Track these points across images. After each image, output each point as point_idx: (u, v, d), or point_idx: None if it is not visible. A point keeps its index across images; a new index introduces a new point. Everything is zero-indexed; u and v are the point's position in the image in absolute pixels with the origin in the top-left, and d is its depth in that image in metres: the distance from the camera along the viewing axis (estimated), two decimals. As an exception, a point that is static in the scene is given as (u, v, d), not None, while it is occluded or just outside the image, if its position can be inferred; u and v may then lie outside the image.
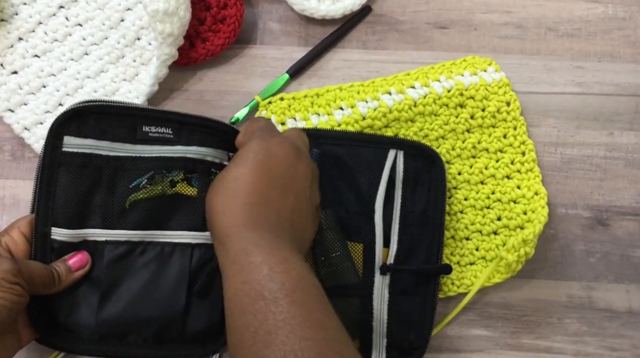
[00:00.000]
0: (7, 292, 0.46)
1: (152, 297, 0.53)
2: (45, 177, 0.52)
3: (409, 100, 0.61)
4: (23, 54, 0.63)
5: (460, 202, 0.62)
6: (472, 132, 0.62)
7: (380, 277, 0.57)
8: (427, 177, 0.58)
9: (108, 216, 0.53)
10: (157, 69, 0.60)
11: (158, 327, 0.53)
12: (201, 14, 0.63)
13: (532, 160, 0.62)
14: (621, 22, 0.66)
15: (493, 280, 0.60)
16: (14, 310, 0.47)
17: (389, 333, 0.56)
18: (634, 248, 0.62)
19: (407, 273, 0.57)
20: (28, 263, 0.49)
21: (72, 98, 0.62)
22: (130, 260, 0.53)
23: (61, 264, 0.52)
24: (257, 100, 0.62)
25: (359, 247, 0.57)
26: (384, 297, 0.57)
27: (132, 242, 0.54)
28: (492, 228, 0.61)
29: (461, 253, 0.61)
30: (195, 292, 0.54)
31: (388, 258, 0.57)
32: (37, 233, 0.52)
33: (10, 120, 0.62)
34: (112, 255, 0.53)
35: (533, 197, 0.61)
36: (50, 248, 0.52)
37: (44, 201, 0.52)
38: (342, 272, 0.56)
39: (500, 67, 0.63)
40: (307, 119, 0.62)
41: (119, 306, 0.53)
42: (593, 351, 0.61)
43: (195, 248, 0.54)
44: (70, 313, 0.52)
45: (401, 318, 0.57)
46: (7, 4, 0.63)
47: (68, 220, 0.52)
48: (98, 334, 0.53)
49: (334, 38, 0.65)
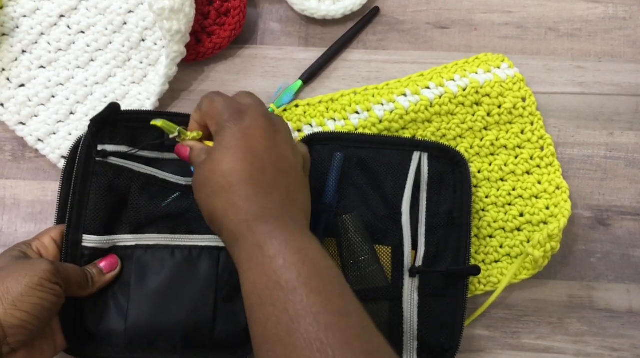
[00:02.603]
0: (48, 292, 0.46)
1: (181, 300, 0.54)
2: (78, 186, 0.53)
3: (425, 101, 0.61)
4: (28, 66, 0.63)
5: (481, 200, 0.61)
6: (489, 129, 0.62)
7: (409, 279, 0.56)
8: (451, 178, 0.58)
9: (138, 222, 0.54)
10: (167, 68, 0.61)
11: (187, 332, 0.53)
12: (204, 8, 0.63)
13: (551, 155, 0.62)
14: (621, 22, 0.66)
15: (520, 276, 0.60)
16: (53, 311, 0.47)
17: (420, 336, 0.56)
18: (635, 248, 0.62)
19: (436, 275, 0.56)
20: (64, 265, 0.50)
21: (83, 105, 0.63)
22: (159, 264, 0.54)
23: (93, 267, 0.52)
24: (272, 108, 0.63)
25: (387, 250, 0.57)
26: (413, 300, 0.56)
27: (161, 246, 0.54)
28: (515, 224, 0.61)
29: (485, 251, 0.61)
30: (222, 295, 0.54)
31: (416, 260, 0.56)
32: (69, 241, 0.52)
33: (23, 133, 0.62)
34: (142, 259, 0.54)
35: (555, 191, 0.61)
36: (81, 254, 0.53)
37: (76, 209, 0.52)
38: (370, 275, 0.56)
39: (513, 63, 0.63)
40: (323, 125, 0.62)
41: (148, 310, 0.53)
42: (593, 351, 0.61)
43: (222, 251, 0.55)
44: (101, 319, 0.53)
45: (431, 320, 0.56)
46: (7, 18, 0.63)
47: (99, 227, 0.53)
48: (127, 340, 0.53)
49: (344, 41, 0.65)
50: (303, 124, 0.62)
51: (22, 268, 0.47)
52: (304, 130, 0.62)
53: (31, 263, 0.48)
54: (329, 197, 0.57)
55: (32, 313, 0.45)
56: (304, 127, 0.62)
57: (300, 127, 0.62)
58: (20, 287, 0.45)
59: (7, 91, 0.63)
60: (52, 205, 0.62)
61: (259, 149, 0.46)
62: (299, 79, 0.64)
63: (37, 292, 0.46)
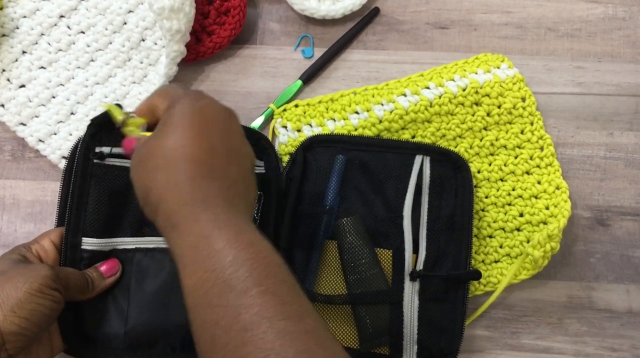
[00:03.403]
0: (47, 298, 0.45)
1: (180, 303, 0.53)
2: (77, 188, 0.52)
3: (425, 101, 0.61)
4: (29, 67, 0.63)
5: (481, 200, 0.61)
6: (489, 129, 0.62)
7: (410, 283, 0.56)
8: (453, 182, 0.58)
9: (138, 224, 0.54)
10: (167, 67, 0.61)
11: (186, 335, 0.53)
12: (204, 8, 0.63)
13: (551, 155, 0.62)
14: (621, 22, 0.66)
15: (520, 276, 0.60)
16: (52, 317, 0.46)
17: (420, 340, 0.56)
18: (634, 249, 0.62)
19: (436, 279, 0.56)
20: (64, 269, 0.49)
21: (84, 106, 0.63)
22: (158, 266, 0.54)
23: (94, 271, 0.52)
24: (272, 108, 0.63)
25: (388, 254, 0.57)
26: (414, 304, 0.56)
27: (160, 248, 0.54)
28: (515, 224, 0.61)
29: (485, 251, 0.61)
30: None
31: (417, 264, 0.56)
32: (68, 244, 0.52)
33: (24, 134, 0.62)
34: (141, 262, 0.54)
35: (554, 191, 0.61)
36: (80, 257, 0.53)
37: (75, 212, 0.52)
38: (371, 278, 0.56)
39: (512, 64, 0.63)
40: (323, 125, 0.62)
41: (148, 313, 0.53)
42: (593, 351, 0.61)
43: None
44: (101, 322, 0.53)
45: (431, 324, 0.56)
46: (7, 19, 0.63)
47: (98, 230, 0.53)
48: (127, 343, 0.53)
49: (344, 41, 0.65)
50: (302, 124, 0.62)
51: (22, 273, 0.46)
52: (304, 130, 0.62)
53: (31, 268, 0.47)
54: (330, 199, 0.57)
55: (30, 320, 0.45)
56: (303, 127, 0.62)
57: (300, 127, 0.62)
58: (20, 293, 0.44)
59: (7, 92, 0.63)
60: (52, 205, 0.62)
61: (212, 130, 0.42)
62: (298, 79, 0.64)
63: (36, 298, 0.45)
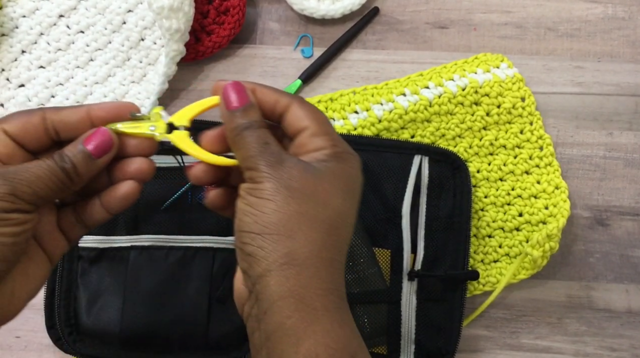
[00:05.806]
0: (4, 225, 0.34)
1: (176, 301, 0.54)
2: None
3: (424, 101, 0.61)
4: (28, 66, 0.63)
5: (480, 200, 0.61)
6: (488, 129, 0.62)
7: (408, 283, 0.56)
8: (452, 182, 0.58)
9: (134, 222, 0.54)
10: (167, 67, 0.61)
11: (182, 332, 0.54)
12: (204, 7, 0.63)
13: (550, 154, 0.62)
14: (621, 22, 0.66)
15: (519, 276, 0.60)
16: (19, 243, 0.35)
17: (417, 340, 0.56)
18: (634, 249, 0.62)
19: (434, 279, 0.56)
20: (22, 174, 0.34)
21: None
22: (154, 265, 0.54)
23: (76, 154, 0.36)
24: None
25: (387, 253, 0.57)
26: (411, 304, 0.56)
27: (156, 247, 0.54)
28: (514, 224, 0.61)
29: (484, 251, 0.61)
30: (216, 297, 0.54)
31: (415, 264, 0.56)
32: None
33: None
34: (137, 260, 0.54)
35: (554, 191, 0.61)
36: (77, 256, 0.53)
37: None
38: (369, 277, 0.56)
39: (512, 63, 0.63)
40: None
41: (143, 311, 0.53)
42: (592, 351, 0.61)
43: (217, 252, 0.55)
44: (96, 319, 0.53)
45: (429, 324, 0.56)
46: (7, 18, 0.63)
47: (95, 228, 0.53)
48: (122, 339, 0.53)
49: (343, 41, 0.65)
50: (302, 123, 0.62)
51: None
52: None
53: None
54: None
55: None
56: (303, 127, 0.62)
57: (300, 126, 0.62)
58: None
59: (6, 91, 0.63)
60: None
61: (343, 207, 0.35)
62: (298, 79, 0.64)
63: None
